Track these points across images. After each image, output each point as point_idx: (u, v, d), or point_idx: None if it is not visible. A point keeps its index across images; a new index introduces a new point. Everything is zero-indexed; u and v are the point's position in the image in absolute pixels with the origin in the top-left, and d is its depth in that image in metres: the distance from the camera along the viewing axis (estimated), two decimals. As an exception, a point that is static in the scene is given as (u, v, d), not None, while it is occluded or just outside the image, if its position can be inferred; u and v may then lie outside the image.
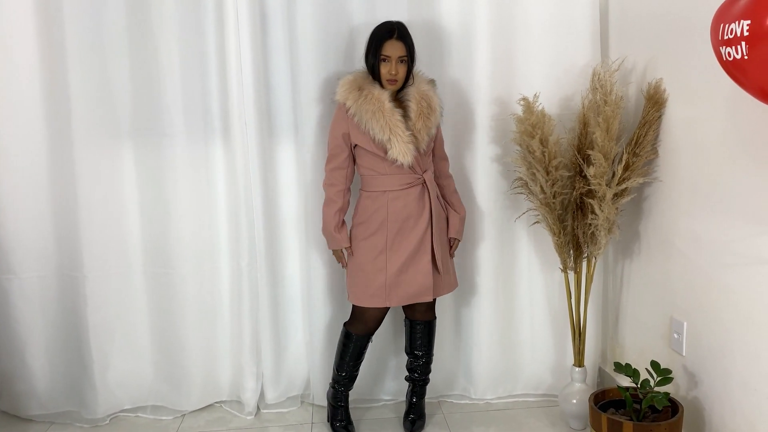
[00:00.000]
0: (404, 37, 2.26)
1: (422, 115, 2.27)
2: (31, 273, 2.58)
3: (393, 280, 2.30)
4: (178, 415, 2.70)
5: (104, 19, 2.43)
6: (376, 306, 2.35)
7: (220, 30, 2.45)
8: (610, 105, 2.22)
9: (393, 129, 2.22)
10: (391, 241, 2.31)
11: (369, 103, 2.23)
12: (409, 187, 2.30)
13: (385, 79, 2.26)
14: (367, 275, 2.32)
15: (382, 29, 2.26)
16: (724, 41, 1.46)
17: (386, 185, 2.31)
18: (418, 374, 2.51)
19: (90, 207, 2.53)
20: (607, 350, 2.74)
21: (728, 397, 1.95)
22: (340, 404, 2.48)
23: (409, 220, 2.31)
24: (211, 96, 2.52)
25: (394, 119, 2.23)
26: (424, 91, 2.30)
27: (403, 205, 2.30)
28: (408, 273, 2.32)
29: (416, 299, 2.35)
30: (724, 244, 1.92)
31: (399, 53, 2.24)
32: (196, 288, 2.64)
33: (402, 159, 2.23)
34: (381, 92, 2.25)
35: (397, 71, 2.25)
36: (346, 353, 2.43)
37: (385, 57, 2.24)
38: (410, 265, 2.31)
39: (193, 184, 2.57)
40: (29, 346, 2.63)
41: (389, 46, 2.23)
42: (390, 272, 2.30)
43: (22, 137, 2.49)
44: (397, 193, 2.30)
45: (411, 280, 2.32)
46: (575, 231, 2.40)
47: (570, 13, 2.49)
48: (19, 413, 2.69)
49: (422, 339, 2.48)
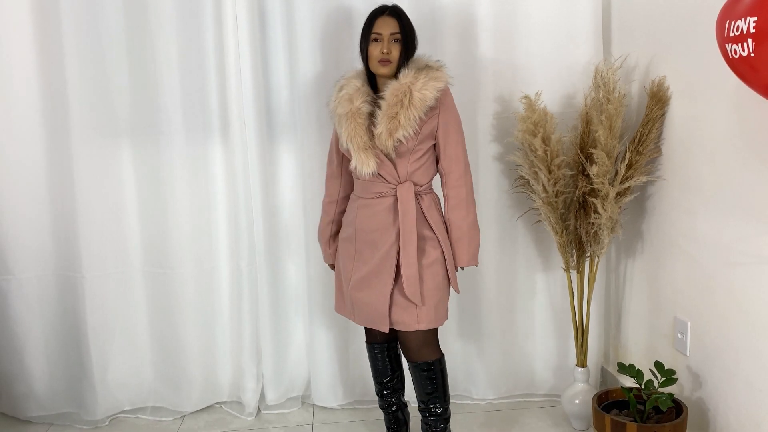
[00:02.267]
0: (398, 14, 2.00)
1: (387, 115, 1.93)
2: (30, 273, 2.57)
3: (353, 294, 2.09)
4: (178, 416, 2.69)
5: (102, 17, 2.42)
6: (346, 317, 2.20)
7: (218, 28, 2.43)
8: (613, 103, 2.21)
9: (352, 135, 1.96)
10: (359, 251, 2.08)
11: (343, 103, 2.01)
12: (378, 197, 2.04)
13: (377, 60, 1.96)
14: (341, 282, 2.19)
15: (374, 10, 2.03)
16: (730, 38, 1.44)
17: (359, 191, 2.10)
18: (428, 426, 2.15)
19: (88, 206, 2.51)
20: (609, 350, 2.73)
21: (733, 397, 1.94)
22: (392, 409, 2.33)
23: (375, 233, 2.03)
24: (210, 95, 2.50)
25: (355, 122, 1.96)
26: (407, 83, 1.94)
27: (370, 215, 2.04)
28: (364, 292, 2.06)
29: (372, 325, 2.08)
30: (729, 243, 1.91)
31: (391, 29, 1.96)
32: (196, 288, 2.62)
33: (361, 168, 1.96)
34: (357, 89, 2.00)
35: (390, 50, 1.95)
36: (373, 363, 2.29)
37: (376, 36, 1.97)
38: (369, 284, 2.04)
39: (192, 184, 2.56)
40: (28, 347, 2.61)
41: (381, 23, 1.97)
42: (351, 284, 2.09)
43: (20, 136, 2.48)
44: (367, 201, 2.06)
45: (366, 301, 2.05)
46: (578, 230, 2.38)
47: (572, 10, 2.47)
48: (18, 415, 2.68)
49: (420, 385, 2.09)
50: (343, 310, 2.23)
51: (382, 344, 2.27)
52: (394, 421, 2.36)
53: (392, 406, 2.34)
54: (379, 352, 2.28)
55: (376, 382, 2.33)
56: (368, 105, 2.00)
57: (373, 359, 2.30)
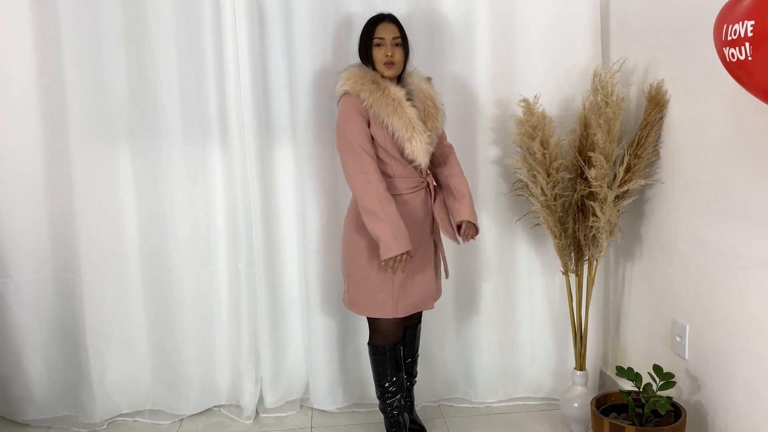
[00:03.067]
0: (396, 21, 2.20)
1: (430, 115, 2.20)
2: (28, 276, 2.57)
3: (399, 289, 2.20)
4: (176, 420, 2.68)
5: (100, 20, 2.42)
6: (386, 317, 2.22)
7: (217, 31, 2.43)
8: (611, 106, 2.21)
9: (415, 127, 2.13)
10: None
11: (387, 98, 2.13)
12: (415, 191, 2.23)
13: (382, 63, 2.16)
14: (374, 284, 2.20)
15: (372, 17, 2.21)
16: (728, 42, 1.44)
17: (394, 188, 2.19)
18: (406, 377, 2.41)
19: (86, 209, 2.51)
20: (608, 354, 2.72)
21: (732, 400, 1.93)
22: (394, 413, 2.35)
23: (414, 225, 2.20)
24: (209, 97, 2.50)
25: (414, 118, 2.14)
26: (425, 90, 2.23)
27: (410, 210, 2.20)
28: (413, 280, 2.23)
29: (419, 308, 2.28)
30: (727, 247, 1.91)
31: (393, 34, 2.17)
32: (194, 291, 2.62)
33: (420, 159, 2.15)
34: (396, 89, 2.15)
35: (393, 53, 2.16)
36: (381, 365, 2.29)
37: (379, 40, 2.16)
38: (416, 273, 2.23)
39: (191, 186, 2.55)
40: (26, 350, 2.61)
41: (382, 28, 2.17)
42: (397, 280, 2.19)
43: (18, 139, 2.47)
44: (405, 197, 2.21)
45: (416, 287, 2.24)
46: (576, 233, 2.38)
47: (570, 13, 2.47)
48: (15, 418, 2.67)
49: (411, 344, 2.44)
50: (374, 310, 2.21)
51: (393, 345, 2.29)
52: (395, 424, 2.36)
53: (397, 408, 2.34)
54: (390, 352, 2.28)
55: (386, 382, 2.30)
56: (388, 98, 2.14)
57: (384, 362, 2.28)
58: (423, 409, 2.67)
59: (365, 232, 2.14)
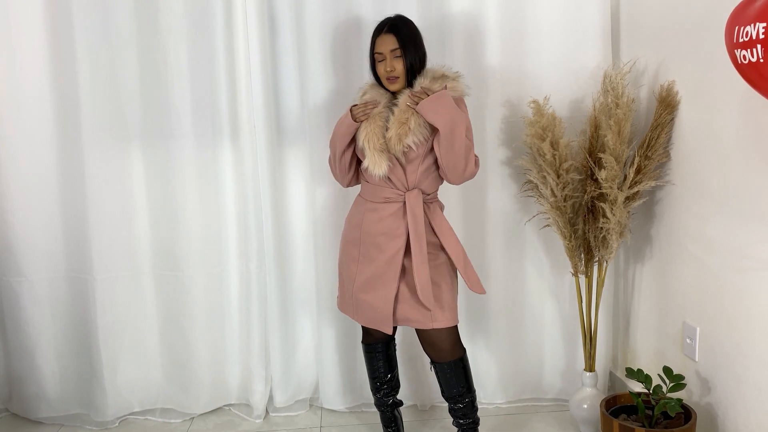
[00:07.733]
0: (396, 28, 2.05)
1: (398, 120, 2.01)
2: (41, 275, 2.59)
3: (357, 296, 2.14)
4: (186, 418, 2.70)
5: (113, 21, 2.44)
6: (348, 315, 2.23)
7: (228, 32, 2.45)
8: (622, 107, 2.20)
9: (369, 136, 2.03)
10: (364, 254, 2.13)
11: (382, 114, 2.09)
12: (386, 202, 2.10)
13: (384, 78, 2.07)
14: (343, 281, 2.22)
15: (376, 27, 2.11)
16: (740, 44, 1.44)
17: (367, 194, 2.15)
18: (461, 420, 2.19)
19: (99, 209, 2.53)
20: (618, 355, 2.72)
21: (742, 403, 1.93)
22: (383, 410, 2.37)
23: (381, 236, 2.08)
24: (220, 98, 2.52)
25: (374, 124, 2.04)
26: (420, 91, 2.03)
27: (377, 219, 2.09)
28: (369, 294, 2.11)
29: (375, 325, 2.14)
30: (738, 248, 1.90)
31: (390, 46, 2.03)
32: (205, 290, 2.64)
33: (373, 169, 2.03)
34: (381, 95, 2.10)
35: (393, 67, 2.04)
36: (371, 362, 2.33)
37: (378, 56, 2.07)
38: (374, 287, 2.10)
39: (202, 187, 2.57)
40: (39, 348, 2.64)
41: (380, 42, 2.06)
42: (356, 285, 2.14)
43: (32, 140, 2.50)
44: (375, 205, 2.11)
45: (371, 303, 2.10)
46: (586, 235, 2.38)
47: (580, 14, 2.47)
48: (28, 416, 2.70)
49: (446, 381, 2.15)
50: (345, 309, 2.25)
51: (383, 343, 2.31)
52: (392, 419, 2.39)
53: (390, 405, 2.37)
54: (380, 352, 2.32)
55: (376, 381, 2.35)
56: (387, 110, 2.08)
57: (372, 360, 2.33)
58: (432, 409, 2.68)
59: (347, 230, 2.21)
